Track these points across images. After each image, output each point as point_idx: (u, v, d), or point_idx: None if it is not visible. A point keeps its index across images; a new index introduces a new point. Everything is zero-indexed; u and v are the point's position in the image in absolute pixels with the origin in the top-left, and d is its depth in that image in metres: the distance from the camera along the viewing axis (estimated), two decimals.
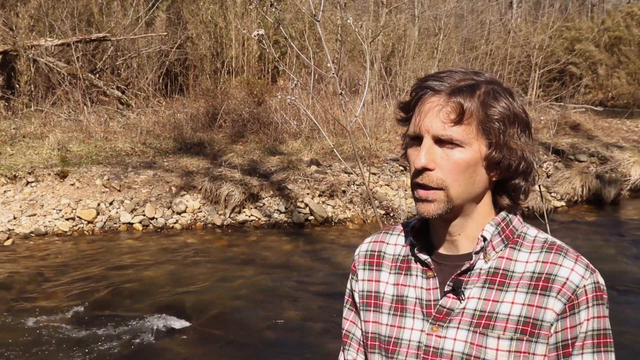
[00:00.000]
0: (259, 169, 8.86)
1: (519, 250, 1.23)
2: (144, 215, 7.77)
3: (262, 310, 5.61)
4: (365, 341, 1.37)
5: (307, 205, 8.21)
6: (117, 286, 6.00)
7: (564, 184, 9.50)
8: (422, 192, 1.21)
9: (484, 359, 1.19)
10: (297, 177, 8.61)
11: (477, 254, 1.23)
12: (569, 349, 1.17)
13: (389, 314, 1.32)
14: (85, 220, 7.57)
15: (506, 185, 1.24)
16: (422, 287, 1.28)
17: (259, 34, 2.63)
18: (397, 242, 1.37)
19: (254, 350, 4.94)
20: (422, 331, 1.26)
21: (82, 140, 9.53)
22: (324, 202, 8.35)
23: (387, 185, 9.00)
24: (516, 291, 1.19)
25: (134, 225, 7.67)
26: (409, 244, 1.34)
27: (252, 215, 8.05)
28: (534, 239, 1.24)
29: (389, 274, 1.35)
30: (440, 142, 1.19)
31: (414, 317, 1.27)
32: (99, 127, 10.10)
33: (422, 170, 1.20)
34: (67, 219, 7.55)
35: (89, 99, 11.11)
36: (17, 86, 10.61)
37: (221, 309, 5.56)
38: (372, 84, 11.32)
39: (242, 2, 12.46)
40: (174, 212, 7.89)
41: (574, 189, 9.45)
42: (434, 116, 1.18)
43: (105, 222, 7.60)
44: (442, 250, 1.28)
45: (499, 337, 1.18)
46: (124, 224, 7.65)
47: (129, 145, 9.50)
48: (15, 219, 7.44)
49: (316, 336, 5.21)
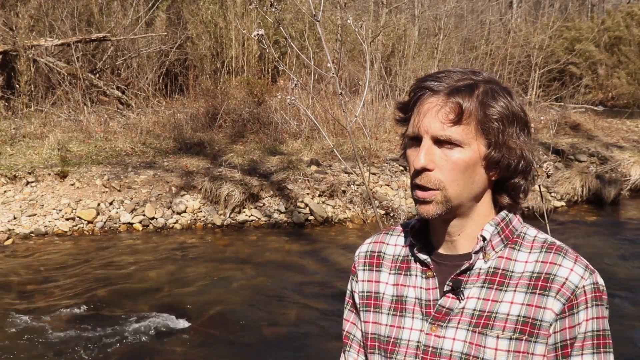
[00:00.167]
0: (259, 169, 8.86)
1: (519, 250, 1.23)
2: (144, 215, 7.77)
3: (262, 310, 5.62)
4: (364, 342, 1.37)
5: (307, 205, 8.21)
6: (117, 286, 6.00)
7: (564, 184, 9.50)
8: (421, 193, 1.21)
9: (483, 358, 1.19)
10: (297, 177, 8.61)
11: (476, 253, 1.23)
12: (568, 350, 1.17)
13: (389, 314, 1.32)
14: (85, 220, 7.57)
15: (506, 184, 1.24)
16: (421, 287, 1.28)
17: (259, 34, 2.63)
18: (397, 243, 1.37)
19: (254, 350, 4.94)
20: (421, 331, 1.26)
21: (82, 140, 9.53)
22: (324, 202, 8.35)
23: (387, 185, 9.00)
24: (515, 291, 1.19)
25: (134, 225, 7.67)
26: (408, 245, 1.34)
27: (252, 215, 8.05)
28: (533, 239, 1.24)
29: (389, 274, 1.35)
30: (439, 142, 1.19)
31: (413, 317, 1.27)
32: (99, 127, 10.10)
33: (421, 170, 1.20)
34: (67, 219, 7.55)
35: (89, 99, 11.11)
36: (17, 86, 10.61)
37: (221, 309, 5.56)
38: (372, 84, 11.32)
39: (242, 2, 12.46)
40: (174, 212, 7.89)
41: (574, 189, 9.44)
42: (433, 117, 1.18)
43: (105, 222, 7.61)
44: (441, 250, 1.28)
45: (498, 337, 1.18)
46: (124, 224, 7.65)
47: (129, 145, 9.50)
48: (15, 219, 7.44)
49: (316, 336, 5.21)
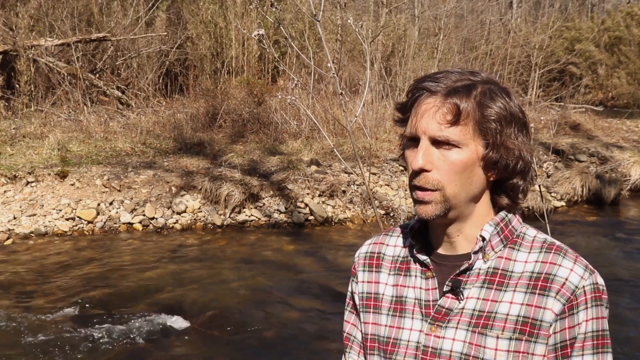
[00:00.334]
0: (259, 169, 8.86)
1: (518, 250, 1.23)
2: (144, 215, 7.77)
3: (262, 310, 5.61)
4: (364, 343, 1.37)
5: (307, 205, 8.22)
6: (117, 286, 6.00)
7: (564, 184, 9.50)
8: (419, 194, 1.21)
9: (483, 358, 1.19)
10: (297, 177, 8.61)
11: (475, 253, 1.23)
12: (568, 350, 1.17)
13: (388, 314, 1.32)
14: (85, 220, 7.57)
15: (504, 185, 1.25)
16: (421, 288, 1.28)
17: (259, 34, 2.63)
18: (396, 244, 1.37)
19: (254, 350, 4.94)
20: (420, 331, 1.26)
21: (82, 140, 9.53)
22: (324, 202, 8.35)
23: (387, 185, 9.00)
24: (515, 291, 1.19)
25: (134, 225, 7.68)
26: (408, 245, 1.34)
27: (252, 215, 8.05)
28: (533, 239, 1.24)
29: (389, 275, 1.35)
30: (437, 143, 1.19)
31: (412, 318, 1.28)
32: (99, 127, 10.10)
33: (420, 171, 1.20)
34: (67, 219, 7.55)
35: (89, 99, 11.11)
36: (17, 86, 10.62)
37: (221, 309, 5.56)
38: (372, 84, 11.32)
39: (242, 2, 12.46)
40: (174, 212, 7.90)
41: (574, 189, 9.44)
42: (431, 117, 1.19)
43: (105, 222, 7.61)
44: (441, 250, 1.28)
45: (498, 337, 1.18)
46: (124, 224, 7.65)
47: (129, 145, 9.50)
48: (15, 219, 7.44)
49: (316, 336, 5.21)
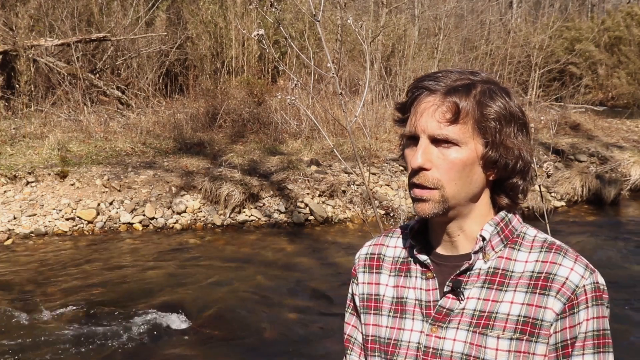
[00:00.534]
0: (259, 169, 8.86)
1: (519, 250, 1.23)
2: (144, 215, 7.77)
3: (262, 310, 5.61)
4: (365, 344, 1.36)
5: (307, 205, 8.22)
6: (116, 286, 6.00)
7: (564, 184, 9.50)
8: (418, 191, 1.21)
9: (484, 359, 1.18)
10: (297, 177, 8.61)
11: (476, 253, 1.23)
12: (569, 350, 1.17)
13: (389, 316, 1.32)
14: (85, 220, 7.57)
15: (504, 184, 1.24)
16: (421, 288, 1.28)
17: (259, 34, 2.63)
18: (396, 245, 1.37)
19: (254, 350, 4.94)
20: (421, 332, 1.25)
21: (82, 140, 9.53)
22: (324, 202, 8.35)
23: (387, 185, 9.00)
24: (515, 291, 1.19)
25: (134, 225, 7.68)
26: (408, 246, 1.33)
27: (252, 215, 8.05)
28: (533, 238, 1.24)
29: (389, 276, 1.35)
30: (436, 141, 1.19)
31: (413, 319, 1.27)
32: (99, 127, 10.10)
33: (419, 170, 1.20)
34: (67, 219, 7.55)
35: (89, 99, 11.11)
36: (17, 86, 10.61)
37: (221, 309, 5.56)
38: (372, 84, 11.32)
39: (242, 2, 12.46)
40: (174, 212, 7.90)
41: (574, 189, 9.44)
42: (430, 116, 1.19)
43: (105, 222, 7.61)
44: (441, 251, 1.28)
45: (499, 337, 1.18)
46: (124, 224, 7.65)
47: (129, 145, 9.50)
48: (15, 219, 7.44)
49: (316, 336, 5.21)
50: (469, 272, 1.23)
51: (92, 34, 11.96)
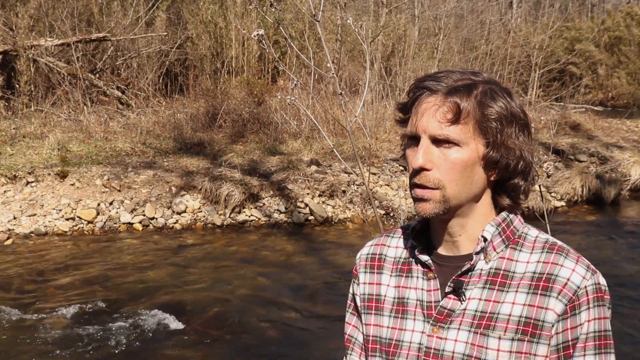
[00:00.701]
0: (259, 169, 8.86)
1: (520, 250, 1.23)
2: (144, 215, 7.77)
3: (262, 310, 5.61)
4: (366, 344, 1.36)
5: (307, 205, 8.21)
6: (116, 286, 6.00)
7: (564, 184, 9.49)
8: (419, 191, 1.21)
9: (485, 359, 1.18)
10: (297, 177, 8.61)
11: (477, 254, 1.22)
12: (570, 351, 1.17)
13: (390, 316, 1.31)
14: (85, 220, 7.57)
15: (505, 185, 1.24)
16: (422, 289, 1.28)
17: (258, 34, 2.63)
18: (397, 245, 1.37)
19: (254, 350, 4.94)
20: (422, 333, 1.25)
21: (82, 140, 9.53)
22: (324, 202, 8.35)
23: (387, 185, 9.00)
24: (517, 291, 1.19)
25: (134, 225, 7.67)
26: (409, 246, 1.33)
27: (252, 215, 8.05)
28: (535, 239, 1.24)
29: (390, 276, 1.34)
30: (437, 142, 1.19)
31: (414, 319, 1.27)
32: (99, 127, 10.10)
33: (420, 170, 1.20)
34: (67, 219, 7.55)
35: (89, 99, 11.11)
36: (17, 86, 10.61)
37: (221, 309, 5.56)
38: (372, 84, 11.32)
39: (242, 2, 12.46)
40: (174, 212, 7.89)
41: (574, 189, 9.44)
42: (431, 116, 1.19)
43: (105, 222, 7.60)
44: (442, 251, 1.28)
45: (500, 338, 1.18)
46: (124, 224, 7.65)
47: (129, 145, 9.50)
48: (15, 219, 7.44)
49: (316, 336, 5.21)
50: (470, 273, 1.23)
51: (92, 34, 11.96)
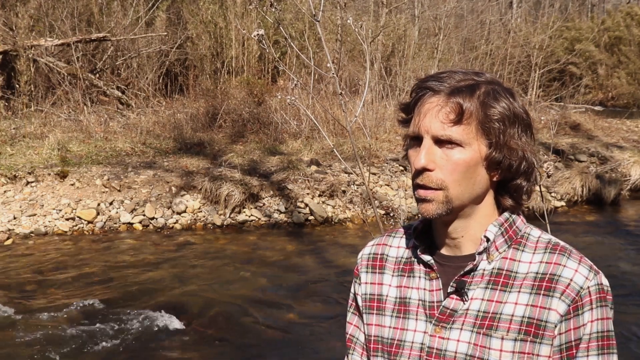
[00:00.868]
0: (259, 169, 8.86)
1: (523, 250, 1.23)
2: (144, 215, 7.77)
3: (262, 310, 5.61)
4: (367, 344, 1.36)
5: (307, 205, 8.21)
6: (116, 286, 6.00)
7: (564, 184, 9.49)
8: (422, 192, 1.21)
9: (488, 359, 1.18)
10: (297, 177, 8.61)
11: (480, 254, 1.22)
12: (573, 351, 1.17)
13: (392, 316, 1.31)
14: (85, 220, 7.57)
15: (508, 185, 1.24)
16: (425, 289, 1.28)
17: (258, 34, 2.63)
18: (399, 245, 1.37)
19: (254, 350, 4.94)
20: (425, 333, 1.25)
21: (82, 140, 9.53)
22: (324, 202, 8.35)
23: (387, 185, 9.00)
24: (519, 292, 1.19)
25: (134, 225, 7.67)
26: (411, 246, 1.33)
27: (252, 215, 8.04)
28: (537, 239, 1.24)
29: (392, 276, 1.34)
30: (439, 142, 1.19)
31: (417, 319, 1.27)
32: (99, 127, 10.10)
33: (422, 170, 1.20)
34: (67, 219, 7.55)
35: (89, 99, 11.10)
36: (17, 86, 10.61)
37: (221, 309, 5.56)
38: (372, 84, 11.32)
39: (242, 2, 12.45)
40: (174, 212, 7.89)
41: (574, 189, 9.44)
42: (433, 116, 1.18)
43: (105, 222, 7.60)
44: (445, 251, 1.28)
45: (503, 338, 1.18)
46: (124, 224, 7.65)
47: (129, 145, 9.50)
48: (15, 219, 7.44)
49: (316, 336, 5.21)
50: (473, 273, 1.23)
51: (92, 34, 11.96)
